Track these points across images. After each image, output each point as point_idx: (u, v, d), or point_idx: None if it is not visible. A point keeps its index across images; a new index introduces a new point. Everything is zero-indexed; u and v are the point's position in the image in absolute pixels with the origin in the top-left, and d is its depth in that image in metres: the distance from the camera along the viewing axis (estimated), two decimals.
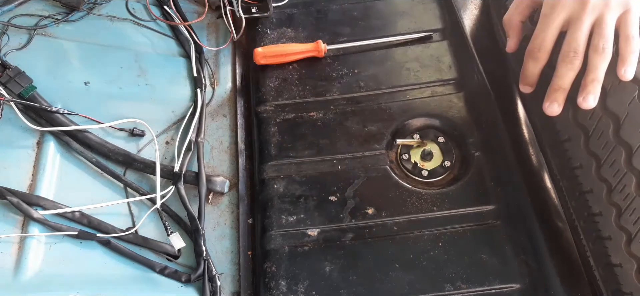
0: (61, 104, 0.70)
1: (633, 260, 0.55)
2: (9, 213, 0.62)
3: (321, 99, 0.76)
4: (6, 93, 0.66)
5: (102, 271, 0.63)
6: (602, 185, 0.57)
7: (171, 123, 0.76)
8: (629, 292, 0.57)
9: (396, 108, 0.74)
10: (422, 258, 0.62)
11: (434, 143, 0.72)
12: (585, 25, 0.54)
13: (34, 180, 0.65)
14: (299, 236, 0.65)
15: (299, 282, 0.61)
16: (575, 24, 0.55)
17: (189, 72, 0.80)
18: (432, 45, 0.81)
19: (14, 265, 0.59)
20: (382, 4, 0.86)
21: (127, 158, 0.70)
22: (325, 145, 0.71)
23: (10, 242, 0.60)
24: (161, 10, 0.85)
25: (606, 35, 0.53)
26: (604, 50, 0.53)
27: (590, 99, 0.54)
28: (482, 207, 0.65)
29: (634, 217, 0.54)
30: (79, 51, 0.77)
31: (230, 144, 0.76)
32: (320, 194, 0.67)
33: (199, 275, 0.64)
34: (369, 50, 0.81)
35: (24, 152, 0.67)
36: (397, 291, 0.60)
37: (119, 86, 0.76)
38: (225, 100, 0.80)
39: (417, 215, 0.65)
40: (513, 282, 0.60)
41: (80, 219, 0.64)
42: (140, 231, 0.66)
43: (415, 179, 0.69)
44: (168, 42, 0.83)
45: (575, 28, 0.55)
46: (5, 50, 0.71)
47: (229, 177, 0.73)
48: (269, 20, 0.85)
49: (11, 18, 0.75)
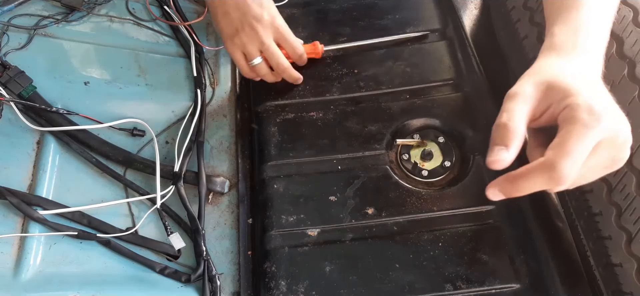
0: (61, 104, 0.70)
1: (633, 259, 0.55)
2: (9, 213, 0.62)
3: (321, 99, 0.76)
4: (6, 93, 0.66)
5: (102, 271, 0.63)
6: (603, 184, 0.57)
7: (171, 123, 0.76)
8: (629, 292, 0.57)
9: (396, 108, 0.74)
10: (422, 258, 0.62)
11: (434, 143, 0.72)
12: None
13: (34, 180, 0.65)
14: (299, 236, 0.65)
15: (299, 282, 0.61)
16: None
17: (189, 72, 0.80)
18: (432, 45, 0.81)
19: (14, 265, 0.60)
20: (382, 4, 0.86)
21: (127, 158, 0.70)
22: (325, 145, 0.71)
23: (10, 242, 0.60)
24: (161, 10, 0.85)
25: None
26: None
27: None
28: (482, 207, 0.65)
29: (634, 216, 0.54)
30: (79, 51, 0.77)
31: (230, 144, 0.76)
32: (320, 194, 0.67)
33: (199, 275, 0.64)
34: (369, 50, 0.81)
35: (24, 152, 0.67)
36: (397, 291, 0.60)
37: (119, 86, 0.76)
38: (225, 100, 0.80)
39: (417, 215, 0.65)
40: (513, 282, 0.60)
41: (80, 219, 0.64)
42: (140, 231, 0.66)
43: (415, 179, 0.69)
44: (168, 42, 0.83)
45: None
46: (5, 50, 0.71)
47: (229, 177, 0.73)
48: None
49: (11, 18, 0.75)
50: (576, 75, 0.46)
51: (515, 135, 0.46)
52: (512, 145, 0.46)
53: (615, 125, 0.44)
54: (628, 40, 0.59)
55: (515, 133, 0.46)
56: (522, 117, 0.47)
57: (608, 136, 0.43)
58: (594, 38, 0.50)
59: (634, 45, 0.59)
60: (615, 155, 0.45)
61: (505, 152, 0.46)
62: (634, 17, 0.60)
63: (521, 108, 0.47)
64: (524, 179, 0.46)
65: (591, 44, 0.49)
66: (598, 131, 0.43)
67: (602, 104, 0.44)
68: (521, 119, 0.47)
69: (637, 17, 0.60)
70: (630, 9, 0.60)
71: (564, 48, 0.50)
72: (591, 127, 0.42)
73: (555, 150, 0.43)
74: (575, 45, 0.49)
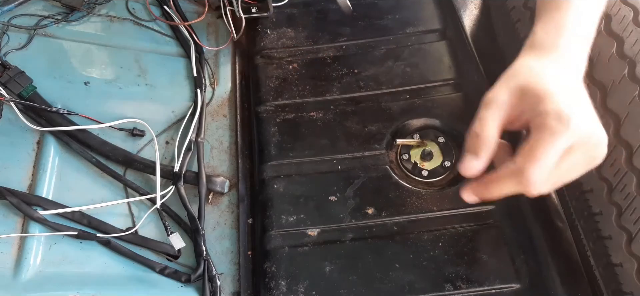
0: (61, 104, 0.70)
1: (633, 259, 0.55)
2: (9, 213, 0.62)
3: (321, 99, 0.76)
4: (6, 93, 0.66)
5: (102, 271, 0.63)
6: (603, 184, 0.57)
7: (171, 123, 0.76)
8: (629, 292, 0.57)
9: (396, 108, 0.74)
10: (422, 258, 0.62)
11: (434, 143, 0.72)
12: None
13: (34, 180, 0.65)
14: (299, 236, 0.65)
15: (299, 282, 0.61)
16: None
17: (189, 72, 0.80)
18: (432, 45, 0.81)
19: (14, 265, 0.60)
20: (382, 4, 0.86)
21: (127, 158, 0.70)
22: (325, 145, 0.71)
23: (10, 242, 0.60)
24: (161, 10, 0.85)
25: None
26: None
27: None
28: (482, 207, 0.65)
29: (635, 216, 0.54)
30: (79, 51, 0.77)
31: (230, 144, 0.76)
32: (320, 194, 0.67)
33: (199, 275, 0.64)
34: (369, 50, 0.81)
35: (24, 152, 0.67)
36: (397, 291, 0.60)
37: (119, 86, 0.76)
38: (225, 100, 0.80)
39: (417, 215, 0.65)
40: (513, 282, 0.60)
41: (80, 219, 0.64)
42: (140, 231, 0.66)
43: (415, 179, 0.69)
44: (168, 42, 0.83)
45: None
46: (5, 50, 0.71)
47: (229, 177, 0.73)
48: (269, 20, 0.85)
49: (11, 18, 0.75)
50: (552, 77, 0.47)
51: (486, 145, 0.48)
52: (482, 154, 0.48)
53: (585, 128, 0.45)
54: (628, 40, 0.59)
55: (487, 142, 0.48)
56: (495, 125, 0.48)
57: (579, 139, 0.44)
58: (577, 38, 0.50)
59: (634, 45, 0.59)
60: (591, 154, 0.46)
61: (475, 161, 0.48)
62: (634, 17, 0.60)
63: (494, 117, 0.48)
64: (495, 183, 0.48)
65: (574, 45, 0.50)
66: (566, 137, 0.43)
67: (572, 109, 0.44)
68: (493, 128, 0.48)
69: (637, 17, 0.59)
70: (630, 9, 0.60)
71: (544, 47, 0.50)
72: (559, 133, 0.43)
73: (524, 157, 0.45)
74: (557, 45, 0.49)
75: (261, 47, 0.83)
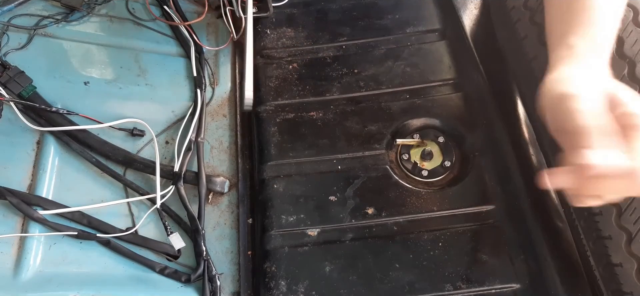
0: (61, 104, 0.70)
1: (633, 259, 0.55)
2: (9, 213, 0.62)
3: (321, 99, 0.76)
4: (6, 93, 0.66)
5: (102, 271, 0.63)
6: None
7: (171, 123, 0.76)
8: (629, 292, 0.57)
9: (396, 108, 0.74)
10: (422, 258, 0.62)
11: (434, 143, 0.72)
12: None
13: (34, 180, 0.65)
14: (299, 236, 0.65)
15: (299, 282, 0.61)
16: None
17: (189, 72, 0.80)
18: (432, 45, 0.81)
19: (14, 265, 0.60)
20: (382, 3, 0.86)
21: (127, 158, 0.70)
22: (325, 145, 0.71)
23: (10, 242, 0.61)
24: (161, 10, 0.85)
25: None
26: None
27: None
28: (482, 207, 0.65)
29: (634, 216, 0.54)
30: (79, 51, 0.77)
31: (230, 144, 0.76)
32: (320, 194, 0.67)
33: (199, 275, 0.64)
34: (369, 50, 0.81)
35: (24, 152, 0.67)
36: (397, 291, 0.60)
37: (119, 86, 0.76)
38: (225, 100, 0.80)
39: (417, 215, 0.65)
40: (513, 282, 0.60)
41: (80, 219, 0.64)
42: (140, 231, 0.66)
43: (415, 179, 0.69)
44: (168, 42, 0.83)
45: None
46: (5, 50, 0.71)
47: (229, 177, 0.73)
48: (269, 20, 0.85)
49: (11, 18, 0.75)
50: (614, 83, 0.46)
51: (595, 132, 0.44)
52: (595, 143, 0.43)
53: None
54: (628, 40, 0.59)
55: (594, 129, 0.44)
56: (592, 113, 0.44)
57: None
58: (609, 46, 0.50)
59: (634, 45, 0.59)
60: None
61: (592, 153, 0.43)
62: (634, 17, 0.60)
63: (586, 107, 0.44)
64: (608, 183, 0.43)
65: (607, 53, 0.50)
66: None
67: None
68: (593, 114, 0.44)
69: (637, 17, 0.60)
70: (630, 8, 0.60)
71: (586, 58, 0.49)
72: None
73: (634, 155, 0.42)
74: (600, 57, 0.49)
75: (261, 47, 0.83)
